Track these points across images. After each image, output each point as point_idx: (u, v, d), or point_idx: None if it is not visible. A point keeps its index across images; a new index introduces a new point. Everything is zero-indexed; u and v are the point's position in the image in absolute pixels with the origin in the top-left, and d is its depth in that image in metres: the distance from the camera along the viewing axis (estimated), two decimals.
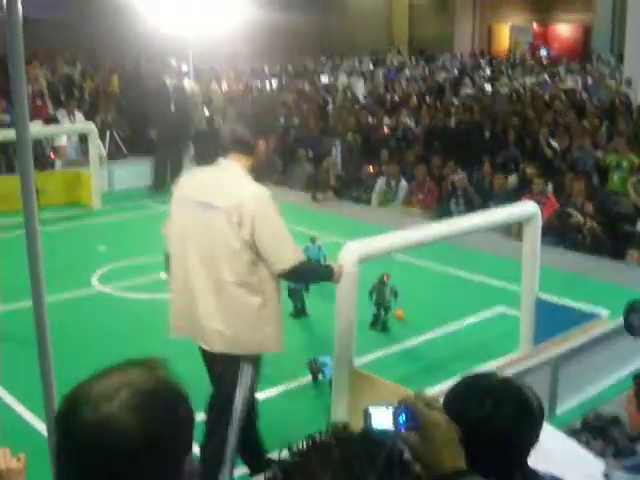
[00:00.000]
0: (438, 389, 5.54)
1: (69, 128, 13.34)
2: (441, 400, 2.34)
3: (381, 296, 7.36)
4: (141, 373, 1.54)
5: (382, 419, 1.79)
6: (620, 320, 6.20)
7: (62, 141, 13.21)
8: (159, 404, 1.50)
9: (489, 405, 2.20)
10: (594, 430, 4.91)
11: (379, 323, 7.46)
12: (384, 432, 1.77)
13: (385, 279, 7.35)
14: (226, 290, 4.32)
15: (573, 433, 4.83)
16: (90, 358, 6.71)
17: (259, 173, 4.60)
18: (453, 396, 2.30)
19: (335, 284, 4.85)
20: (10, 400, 6.00)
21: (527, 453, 2.25)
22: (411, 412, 1.77)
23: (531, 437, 2.26)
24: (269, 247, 4.25)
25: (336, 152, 14.61)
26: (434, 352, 6.99)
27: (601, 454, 4.70)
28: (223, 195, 4.28)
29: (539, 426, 2.30)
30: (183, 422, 1.55)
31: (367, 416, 1.81)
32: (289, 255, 4.31)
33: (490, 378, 2.38)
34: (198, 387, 6.13)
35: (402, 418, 1.77)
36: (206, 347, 4.48)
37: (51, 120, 13.08)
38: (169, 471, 1.50)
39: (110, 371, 1.55)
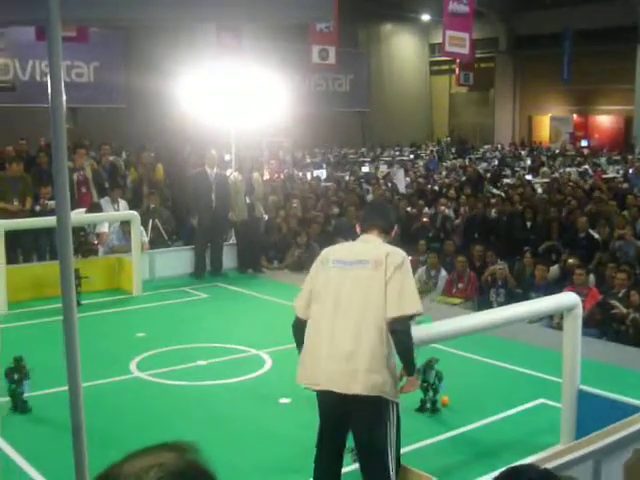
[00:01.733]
0: None
1: (113, 215, 13.56)
2: None
3: (428, 379, 7.42)
4: (172, 455, 1.54)
5: None
6: None
7: (104, 228, 13.41)
8: None
9: None
10: None
11: (427, 405, 7.50)
12: None
13: (432, 362, 7.43)
14: (369, 335, 4.79)
15: None
16: (125, 443, 6.67)
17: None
18: None
19: (408, 376, 5.08)
20: None
21: None
22: None
23: None
24: (398, 292, 4.81)
25: None
26: (475, 444, 6.86)
27: None
28: (370, 252, 5.00)
29: None
30: None
31: None
32: (413, 304, 4.85)
33: (531, 470, 2.31)
34: (233, 472, 6.11)
35: None
36: (349, 392, 4.78)
37: (95, 207, 13.30)
38: None
39: (141, 452, 1.55)
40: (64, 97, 3.31)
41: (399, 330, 4.86)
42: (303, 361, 5.02)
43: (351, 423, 4.95)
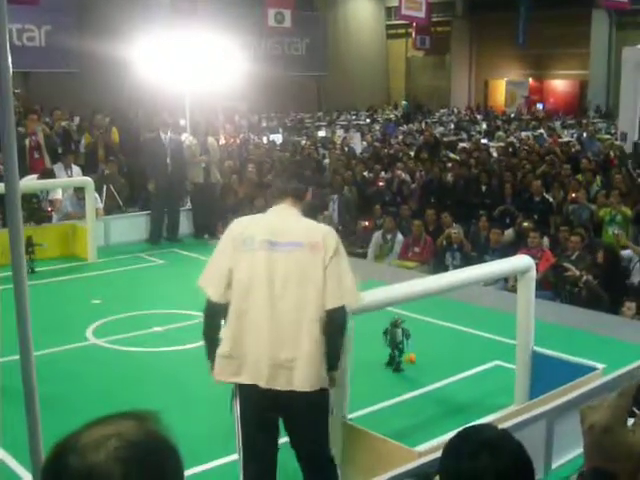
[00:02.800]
0: (433, 443, 5.51)
1: (66, 181, 13.39)
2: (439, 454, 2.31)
3: (394, 337, 7.57)
4: (131, 425, 1.52)
5: None
6: (616, 373, 6.21)
7: (57, 194, 13.23)
8: (147, 456, 1.48)
9: (486, 457, 2.13)
10: None
11: (394, 363, 7.68)
12: None
13: (398, 322, 7.57)
14: (308, 327, 4.40)
15: None
16: (83, 411, 6.66)
17: None
18: (449, 449, 2.25)
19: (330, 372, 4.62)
20: (1, 454, 5.93)
21: None
22: None
23: None
24: (336, 280, 4.41)
25: (333, 206, 14.67)
26: (430, 406, 6.94)
27: None
28: (301, 232, 4.54)
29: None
30: (171, 474, 1.52)
31: None
32: (353, 292, 4.50)
33: (487, 430, 2.32)
34: (191, 440, 6.10)
35: None
36: (289, 388, 4.42)
37: (48, 174, 13.12)
38: None
39: (100, 422, 1.53)
40: (9, 60, 3.24)
41: (336, 322, 4.46)
42: (229, 356, 4.49)
43: (289, 419, 4.59)
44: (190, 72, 14.19)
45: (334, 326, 4.46)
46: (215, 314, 4.58)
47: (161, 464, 1.50)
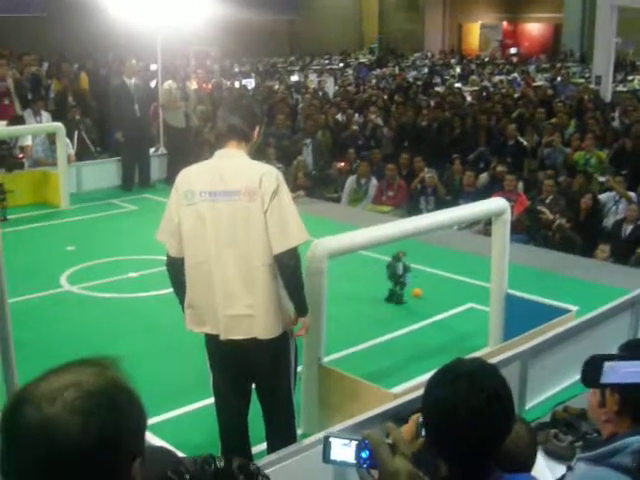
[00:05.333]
0: (409, 385, 5.55)
1: (36, 127, 13.21)
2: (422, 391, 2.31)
3: (395, 271, 7.80)
4: (89, 373, 1.47)
5: (343, 451, 1.65)
6: (589, 315, 6.27)
7: (27, 141, 13.06)
8: (105, 405, 1.44)
9: (464, 385, 2.14)
10: (563, 424, 4.93)
11: (395, 297, 7.95)
12: (344, 464, 1.64)
13: (400, 255, 7.77)
14: (260, 275, 4.32)
15: (542, 427, 4.85)
16: (57, 358, 6.63)
17: None
18: (433, 378, 2.26)
19: (300, 317, 4.59)
20: None
21: (499, 444, 2.21)
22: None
23: (504, 426, 2.21)
24: (279, 222, 4.27)
25: (307, 151, 14.59)
26: (404, 349, 6.98)
27: (570, 448, 4.73)
28: (238, 178, 4.31)
29: (512, 417, 2.26)
30: (132, 424, 1.48)
31: (326, 445, 1.66)
32: (297, 233, 4.33)
33: (472, 362, 2.32)
34: (169, 384, 6.12)
35: (365, 453, 1.64)
36: (249, 336, 4.39)
37: (18, 120, 12.93)
38: (116, 475, 1.44)
39: (59, 370, 1.49)
40: None
41: (287, 265, 4.34)
42: (192, 307, 4.49)
43: (252, 365, 4.57)
44: (161, 15, 13.95)
45: (285, 270, 4.36)
46: (176, 267, 4.53)
47: (121, 414, 1.46)
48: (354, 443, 1.64)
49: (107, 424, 1.42)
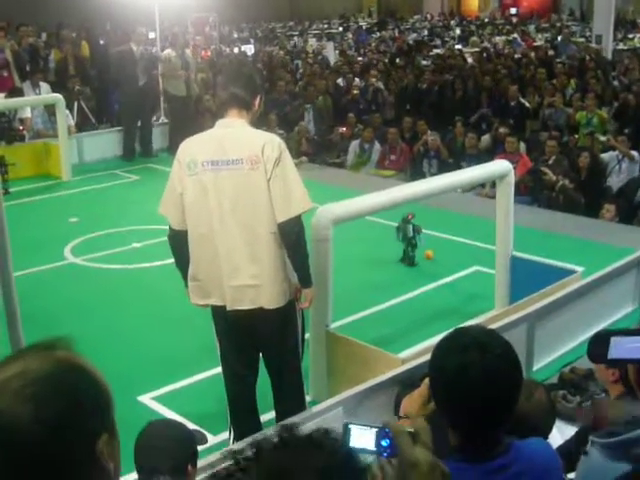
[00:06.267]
0: (416, 350, 5.56)
1: (36, 99, 13.13)
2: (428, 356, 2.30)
3: (406, 233, 7.91)
4: (35, 358, 1.41)
5: (363, 438, 1.61)
6: (594, 275, 6.26)
7: (27, 113, 12.98)
8: (55, 389, 1.38)
9: (473, 352, 2.12)
10: (570, 385, 4.94)
11: (407, 259, 8.07)
12: (364, 452, 1.63)
13: (409, 217, 7.86)
14: (265, 244, 4.32)
15: (550, 389, 4.86)
16: (62, 330, 6.64)
17: None
18: (438, 347, 2.25)
19: (304, 289, 4.56)
20: None
21: (510, 410, 2.20)
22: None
23: (514, 391, 2.19)
24: (282, 191, 4.26)
25: (309, 117, 14.52)
26: (411, 313, 6.99)
27: (578, 408, 4.74)
28: (241, 147, 4.28)
29: (522, 380, 2.25)
30: (87, 403, 1.42)
31: (346, 432, 1.62)
32: (301, 201, 4.31)
33: (477, 329, 2.33)
34: (168, 357, 6.14)
35: (385, 442, 1.59)
36: (255, 306, 4.38)
37: (16, 92, 12.84)
38: (80, 456, 1.40)
39: (8, 359, 1.43)
40: None
41: (290, 233, 4.32)
42: (197, 279, 4.49)
43: (259, 335, 4.58)
44: None
45: (289, 239, 4.35)
46: (179, 241, 4.51)
47: (74, 395, 1.40)
48: (374, 431, 1.60)
49: (59, 408, 1.37)
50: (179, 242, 4.51)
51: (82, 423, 1.40)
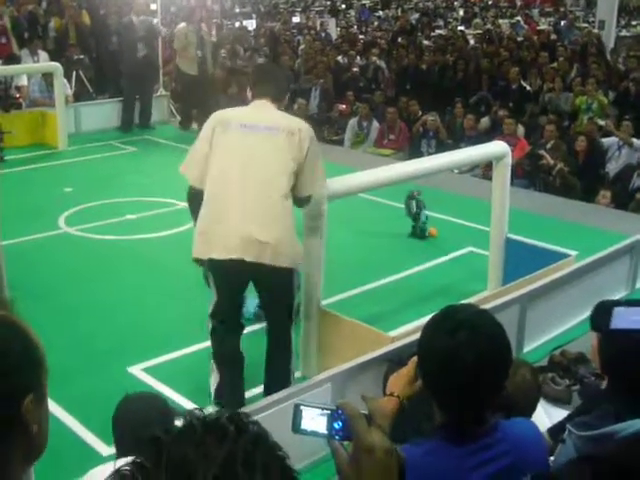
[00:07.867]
0: (407, 328, 5.56)
1: (33, 67, 13.05)
2: (418, 335, 2.29)
3: (410, 209, 8.10)
4: None
5: (315, 420, 1.54)
6: (588, 259, 6.26)
7: (23, 81, 12.90)
8: None
9: (463, 333, 2.11)
10: (560, 368, 4.94)
11: (416, 233, 8.26)
12: (314, 435, 1.57)
13: (415, 194, 8.01)
14: (279, 205, 4.57)
15: (540, 371, 4.86)
16: (55, 299, 6.67)
17: None
18: (428, 326, 2.23)
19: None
20: None
21: (499, 390, 2.20)
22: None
23: (504, 371, 2.19)
24: (311, 170, 4.69)
25: (315, 94, 14.46)
26: (403, 292, 6.98)
27: (567, 391, 4.75)
28: (280, 119, 4.76)
29: (511, 361, 2.24)
30: (12, 360, 1.40)
31: (297, 413, 1.55)
32: (322, 183, 4.87)
33: (468, 308, 2.30)
34: (159, 329, 6.14)
35: (338, 424, 1.52)
36: (259, 261, 4.52)
37: (12, 59, 12.75)
38: (3, 414, 1.39)
39: None
40: None
41: (302, 206, 4.94)
42: (205, 233, 4.62)
43: (258, 284, 4.79)
44: None
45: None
46: (197, 199, 4.68)
47: (6, 352, 1.40)
48: (327, 412, 1.53)
49: None
50: (198, 201, 4.67)
51: (7, 377, 1.39)
